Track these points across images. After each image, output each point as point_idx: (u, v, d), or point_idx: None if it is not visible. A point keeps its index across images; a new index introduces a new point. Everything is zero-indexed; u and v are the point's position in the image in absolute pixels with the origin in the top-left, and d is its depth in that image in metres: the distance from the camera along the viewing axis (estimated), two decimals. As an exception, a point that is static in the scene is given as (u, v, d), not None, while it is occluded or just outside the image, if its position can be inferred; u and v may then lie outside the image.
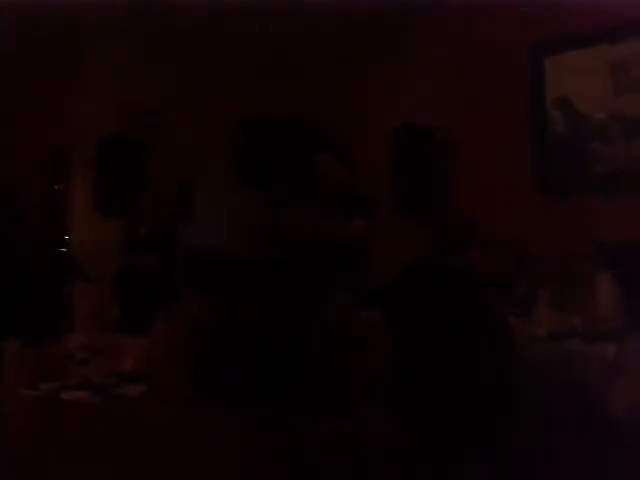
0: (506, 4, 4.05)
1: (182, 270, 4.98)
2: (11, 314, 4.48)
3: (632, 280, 3.02)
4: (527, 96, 4.04)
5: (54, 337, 1.98)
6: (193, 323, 3.86)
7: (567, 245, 3.46)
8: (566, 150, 3.90)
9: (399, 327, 2.49)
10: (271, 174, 5.88)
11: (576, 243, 3.28)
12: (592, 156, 3.78)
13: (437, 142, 4.76)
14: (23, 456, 2.16)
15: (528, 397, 2.30)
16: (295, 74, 6.11)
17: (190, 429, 2.36)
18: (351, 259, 3.91)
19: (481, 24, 4.29)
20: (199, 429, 2.40)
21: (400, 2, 4.61)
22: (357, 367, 2.87)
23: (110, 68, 5.59)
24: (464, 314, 2.29)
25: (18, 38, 5.46)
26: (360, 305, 3.61)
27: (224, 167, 6.14)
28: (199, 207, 6.01)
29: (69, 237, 5.58)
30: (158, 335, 2.02)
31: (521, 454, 2.19)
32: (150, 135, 5.78)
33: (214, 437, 2.40)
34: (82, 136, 5.58)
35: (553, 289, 3.20)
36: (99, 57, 5.58)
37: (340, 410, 3.18)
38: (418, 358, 2.36)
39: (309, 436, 2.73)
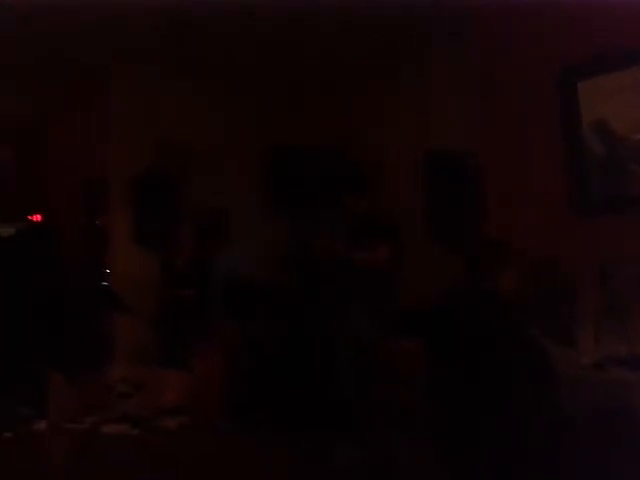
0: (537, 28, 4.06)
1: (220, 301, 5.03)
2: (54, 348, 4.56)
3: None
4: (561, 119, 4.00)
5: (96, 371, 2.01)
6: (231, 355, 3.89)
7: (607, 269, 3.39)
8: (603, 172, 3.84)
9: (436, 356, 2.45)
10: (301, 204, 5.93)
11: (616, 266, 3.21)
12: (630, 177, 3.71)
13: (469, 167, 4.74)
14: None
15: (572, 427, 2.24)
16: (325, 102, 6.18)
17: (228, 460, 2.36)
18: (379, 286, 3.91)
19: (512, 48, 4.29)
20: (237, 460, 2.39)
21: (429, 26, 4.66)
22: (391, 397, 2.84)
23: (143, 101, 5.74)
24: (502, 343, 2.25)
25: (58, 72, 5.66)
26: (393, 333, 3.59)
27: (257, 198, 6.22)
28: (234, 238, 6.08)
29: (110, 271, 5.68)
30: (197, 368, 2.04)
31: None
32: (185, 168, 5.90)
33: (253, 467, 2.39)
34: (120, 170, 5.72)
35: (597, 315, 3.12)
36: (132, 91, 5.74)
37: (376, 441, 3.14)
38: (455, 389, 2.32)
39: (346, 466, 2.70)
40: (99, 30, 4.80)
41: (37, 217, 6.83)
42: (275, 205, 6.31)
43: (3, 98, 6.34)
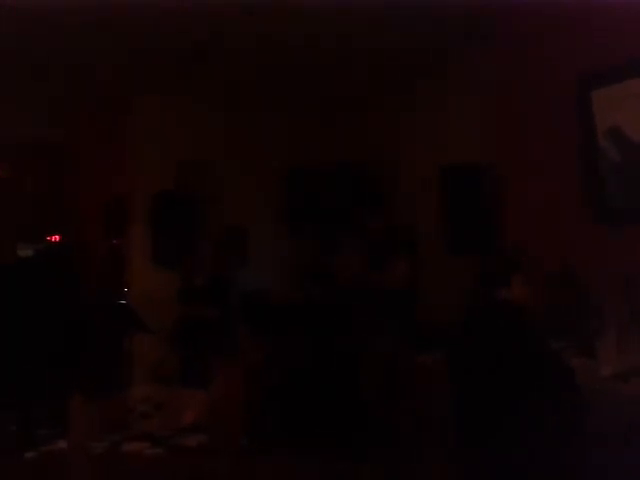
0: (551, 40, 4.06)
1: (239, 318, 5.03)
2: (74, 368, 4.59)
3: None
4: (576, 128, 3.99)
5: (115, 390, 2.03)
6: (250, 373, 3.88)
7: (629, 278, 3.34)
8: (620, 179, 3.81)
9: (455, 370, 2.43)
10: (318, 222, 5.94)
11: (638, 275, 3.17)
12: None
13: (486, 180, 4.72)
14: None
15: (594, 439, 2.20)
16: (341, 120, 6.21)
17: (249, 478, 2.35)
18: (397, 301, 3.89)
19: (526, 61, 4.30)
20: (258, 479, 2.39)
21: (444, 38, 4.66)
22: (413, 412, 2.82)
23: (162, 122, 5.82)
24: (520, 355, 2.23)
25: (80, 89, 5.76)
26: (412, 348, 3.56)
27: (275, 215, 6.26)
28: (253, 255, 6.11)
29: (128, 289, 5.72)
30: (217, 387, 2.04)
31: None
32: (203, 187, 5.95)
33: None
34: (139, 190, 5.78)
35: (618, 326, 3.08)
36: (151, 112, 5.82)
37: (398, 457, 3.11)
38: (477, 404, 2.30)
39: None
40: (116, 54, 4.89)
41: (56, 237, 6.92)
42: (293, 222, 6.33)
43: (23, 122, 6.47)
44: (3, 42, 4.53)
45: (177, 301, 4.94)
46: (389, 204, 4.44)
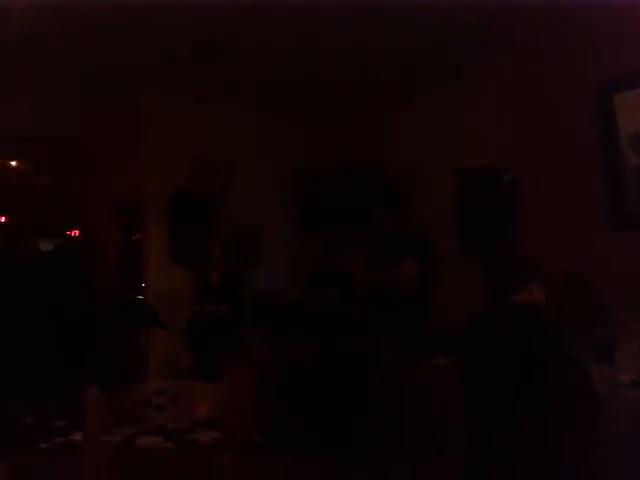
0: (572, 40, 4.02)
1: (252, 316, 5.05)
2: (91, 361, 4.64)
3: None
4: (597, 132, 3.94)
5: (131, 383, 2.04)
6: (263, 370, 3.89)
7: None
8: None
9: (469, 373, 2.42)
10: (332, 222, 5.94)
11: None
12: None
13: (502, 182, 4.70)
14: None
15: (609, 448, 2.18)
16: (356, 120, 6.20)
17: (260, 476, 2.36)
18: (408, 303, 3.87)
19: (547, 60, 4.26)
20: (268, 476, 2.39)
21: (462, 40, 4.64)
22: (421, 416, 2.81)
23: (178, 121, 5.85)
24: (539, 360, 2.21)
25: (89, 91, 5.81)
26: (425, 350, 3.54)
27: (289, 215, 6.28)
28: (267, 254, 6.13)
29: (145, 285, 5.76)
30: (230, 382, 2.05)
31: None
32: (219, 186, 5.99)
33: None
34: (156, 188, 5.82)
35: (637, 334, 3.04)
36: (167, 111, 5.85)
37: (406, 461, 3.10)
38: (489, 407, 2.29)
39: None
40: (134, 52, 4.93)
41: (75, 232, 6.98)
42: (306, 222, 6.34)
43: (44, 117, 6.53)
44: (19, 39, 4.59)
45: (193, 298, 4.98)
46: (403, 205, 4.42)
